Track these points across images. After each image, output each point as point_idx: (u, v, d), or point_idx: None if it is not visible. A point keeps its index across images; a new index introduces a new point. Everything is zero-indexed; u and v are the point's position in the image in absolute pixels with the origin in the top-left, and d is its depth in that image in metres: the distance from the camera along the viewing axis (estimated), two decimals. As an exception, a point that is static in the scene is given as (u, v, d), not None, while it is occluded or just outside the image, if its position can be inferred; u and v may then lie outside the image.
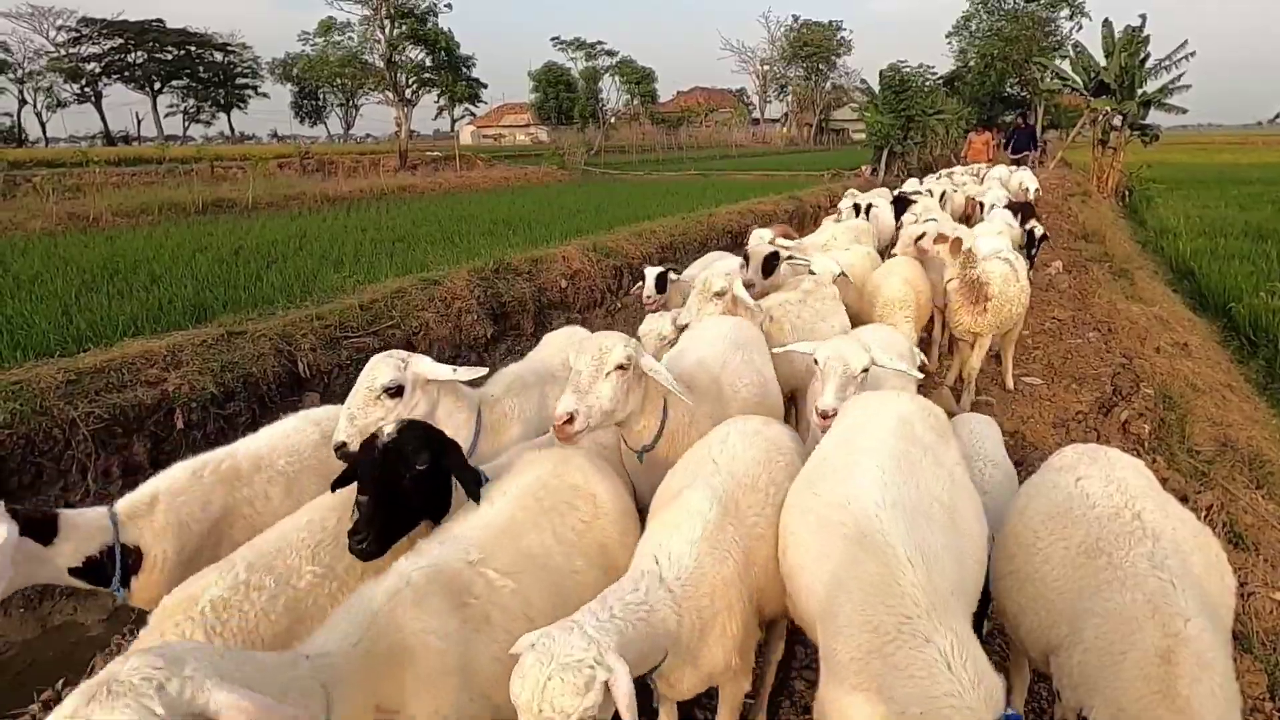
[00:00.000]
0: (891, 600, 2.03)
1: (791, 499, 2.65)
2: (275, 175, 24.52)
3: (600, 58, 58.09)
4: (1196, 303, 9.54)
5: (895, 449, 2.54)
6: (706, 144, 58.83)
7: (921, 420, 2.76)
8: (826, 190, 20.84)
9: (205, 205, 17.08)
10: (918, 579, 2.06)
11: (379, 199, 20.58)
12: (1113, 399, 5.50)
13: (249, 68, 70.84)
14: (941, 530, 2.30)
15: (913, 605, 2.01)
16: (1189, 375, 5.66)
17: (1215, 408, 5.24)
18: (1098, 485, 2.58)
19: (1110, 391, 5.61)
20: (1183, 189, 21.48)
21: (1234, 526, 3.95)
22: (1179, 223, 14.49)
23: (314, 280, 8.69)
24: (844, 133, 76.81)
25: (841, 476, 2.48)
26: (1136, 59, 20.82)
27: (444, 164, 30.46)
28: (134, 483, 5.08)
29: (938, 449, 2.69)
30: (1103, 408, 5.44)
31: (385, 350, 7.03)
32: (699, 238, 13.28)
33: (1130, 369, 5.78)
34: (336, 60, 33.48)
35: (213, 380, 5.55)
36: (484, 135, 79.75)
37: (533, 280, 9.19)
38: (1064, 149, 26.71)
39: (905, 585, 2.05)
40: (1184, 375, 5.63)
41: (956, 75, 49.00)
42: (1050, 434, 5.45)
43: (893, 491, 2.33)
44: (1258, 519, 3.99)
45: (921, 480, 2.46)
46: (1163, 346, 6.34)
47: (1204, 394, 5.34)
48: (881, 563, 2.11)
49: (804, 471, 2.74)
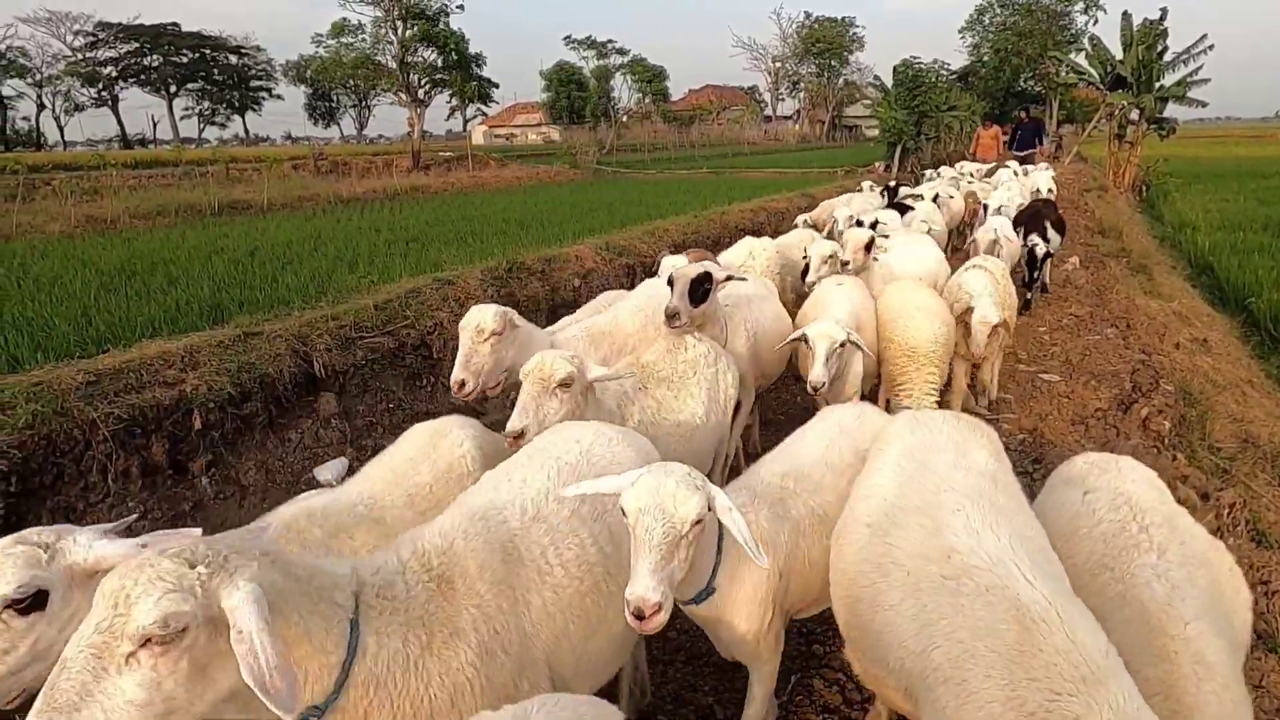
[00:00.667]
0: (1036, 673, 1.80)
1: (855, 548, 2.43)
2: (289, 176, 24.69)
3: (612, 56, 58.07)
4: (1215, 298, 9.43)
5: (971, 486, 2.35)
6: (718, 142, 58.72)
7: (977, 443, 2.63)
8: (840, 187, 20.74)
9: (221, 207, 17.23)
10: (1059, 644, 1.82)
11: (392, 199, 20.67)
12: (1132, 395, 5.44)
13: (263, 70, 71.39)
14: (1055, 578, 2.09)
15: (1060, 679, 1.77)
16: (1209, 371, 5.60)
17: (1236, 404, 5.18)
18: (1104, 499, 2.52)
19: (1130, 388, 5.55)
20: (1200, 183, 21.25)
21: (1257, 524, 3.90)
22: (1197, 217, 14.33)
23: (329, 281, 8.73)
24: (857, 129, 76.42)
25: (926, 526, 2.25)
26: (1154, 52, 20.60)
27: (456, 164, 30.55)
28: (153, 483, 5.17)
29: (1001, 476, 2.54)
30: (1122, 404, 5.38)
31: (399, 350, 7.11)
32: (712, 236, 13.24)
33: (1150, 365, 5.71)
34: (349, 62, 33.64)
35: (229, 381, 5.59)
36: (496, 135, 79.91)
37: (546, 280, 9.19)
38: (1080, 143, 26.47)
39: (1049, 653, 1.81)
40: (1204, 371, 5.57)
41: (970, 70, 48.73)
42: (1069, 431, 5.40)
43: (993, 539, 2.11)
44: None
45: (1013, 521, 2.26)
46: (1182, 342, 6.27)
47: (1224, 390, 5.27)
48: (1022, 626, 1.87)
49: (860, 513, 2.50)
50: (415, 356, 7.19)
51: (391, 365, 6.91)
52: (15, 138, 63.72)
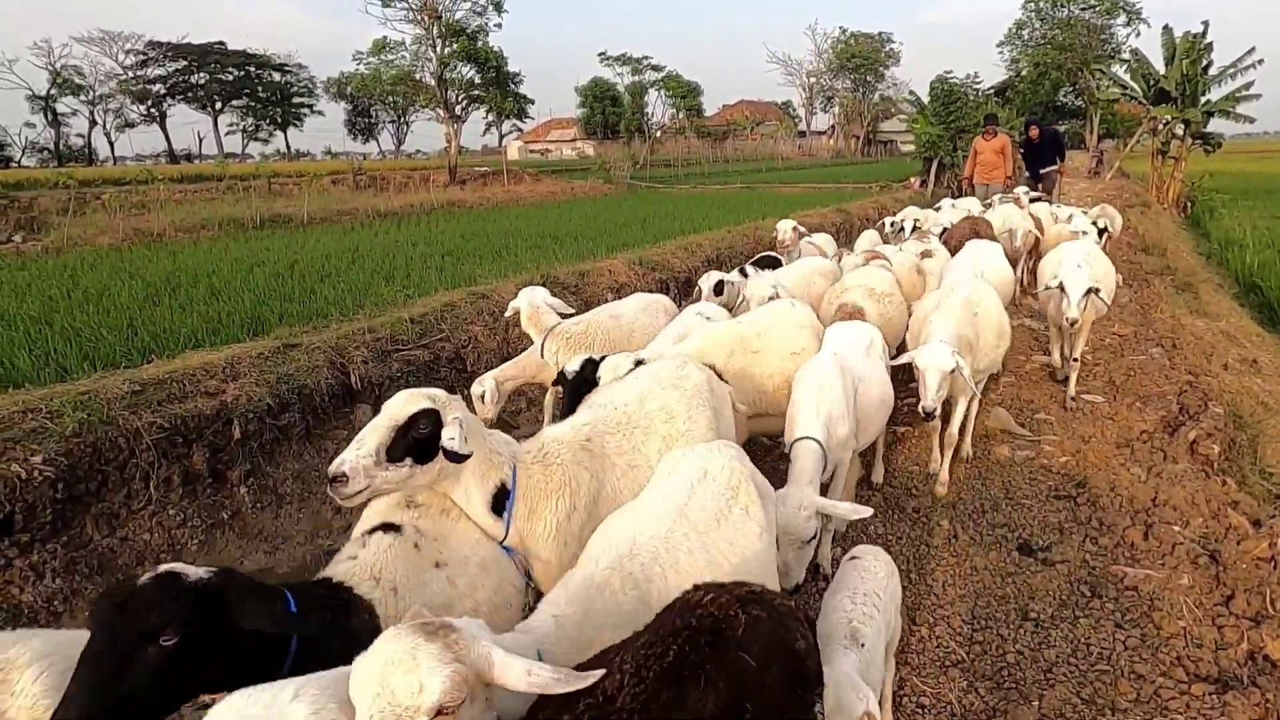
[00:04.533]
0: None
1: None
2: (329, 191, 25.15)
3: (647, 73, 58.44)
4: (1265, 317, 9.17)
5: None
6: (752, 157, 58.69)
7: None
8: (875, 203, 20.62)
9: (262, 220, 17.58)
10: None
11: (428, 214, 20.94)
12: (1179, 418, 5.28)
13: (305, 87, 72.99)
14: None
15: None
16: (1259, 393, 5.43)
17: None
18: None
19: (1177, 410, 5.39)
20: (1247, 199, 20.71)
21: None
22: (1245, 234, 13.95)
23: (366, 294, 8.85)
24: (892, 144, 75.96)
25: None
26: (1199, 66, 20.21)
27: (492, 179, 30.90)
28: (193, 491, 5.26)
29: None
30: (1168, 427, 5.23)
31: (433, 363, 7.18)
32: (745, 250, 13.23)
33: (1197, 386, 5.54)
34: (389, 78, 34.26)
35: (269, 391, 5.68)
36: (531, 150, 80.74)
37: (579, 294, 9.22)
38: (1122, 159, 26.02)
39: None
40: (1254, 393, 5.39)
41: (1008, 84, 48.23)
42: (1114, 454, 5.27)
43: None
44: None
45: None
46: (1230, 363, 6.09)
47: (1276, 413, 5.11)
48: None
49: None
50: (450, 369, 7.25)
51: (426, 378, 6.97)
52: (68, 153, 65.89)
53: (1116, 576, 3.99)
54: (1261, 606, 3.55)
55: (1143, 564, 4.06)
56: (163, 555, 4.85)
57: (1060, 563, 4.19)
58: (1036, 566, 4.19)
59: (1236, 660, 3.25)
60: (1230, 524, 4.01)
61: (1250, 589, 3.64)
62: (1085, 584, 4.01)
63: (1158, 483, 4.58)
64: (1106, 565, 4.12)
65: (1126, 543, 4.30)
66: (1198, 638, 3.42)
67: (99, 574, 4.51)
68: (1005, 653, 3.57)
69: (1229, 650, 3.39)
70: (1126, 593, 3.87)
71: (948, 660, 3.54)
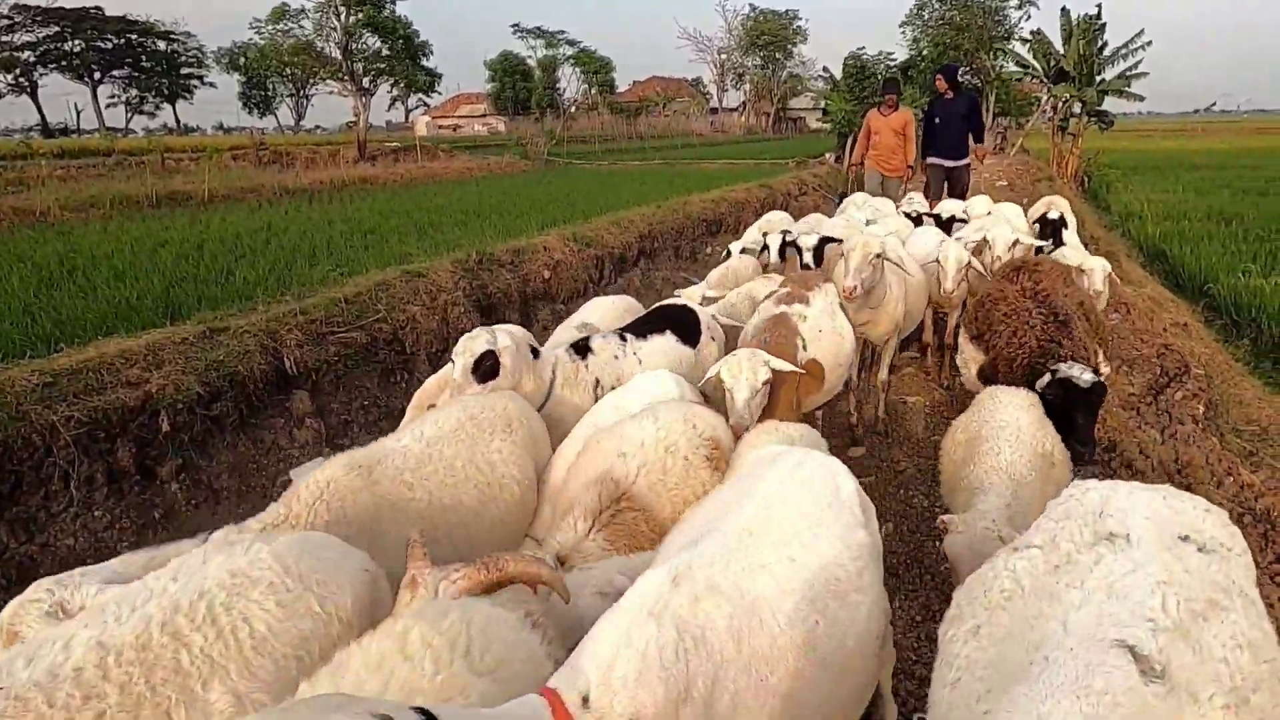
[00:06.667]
0: None
1: None
2: (230, 167, 23.72)
3: (561, 47, 57.43)
4: (1172, 284, 9.69)
5: None
6: (666, 133, 58.64)
7: None
8: (795, 179, 20.88)
9: (159, 198, 16.44)
10: None
11: (339, 190, 20.06)
12: (1160, 380, 5.51)
13: (194, 56, 68.55)
14: None
15: None
16: (1200, 355, 5.72)
17: (1233, 387, 5.30)
18: None
19: (1159, 373, 5.61)
20: (1138, 174, 21.92)
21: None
22: (1142, 207, 14.74)
23: (289, 274, 8.38)
24: (801, 121, 77.27)
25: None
26: (1094, 46, 21.20)
27: (404, 155, 29.84)
28: (119, 490, 4.83)
29: None
30: (1153, 389, 5.43)
31: (371, 345, 6.83)
32: (676, 226, 13.19)
33: (1173, 349, 5.79)
34: (288, 49, 32.52)
35: (197, 380, 5.27)
36: (440, 126, 78.44)
37: (516, 271, 8.97)
38: (1025, 136, 27.15)
39: None
40: (1197, 354, 5.68)
41: (910, 64, 49.55)
42: (1126, 418, 5.31)
43: None
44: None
45: None
46: (1169, 327, 6.40)
47: (1226, 372, 5.39)
48: None
49: None
50: (389, 352, 6.92)
51: (365, 361, 6.64)
52: (-76, 127, 60.15)
53: None
54: None
55: None
56: (88, 560, 4.43)
57: None
58: None
59: None
60: (1244, 481, 4.18)
61: None
62: None
63: (1174, 444, 4.74)
64: None
65: None
66: (1265, 598, 3.53)
67: (18, 584, 4.08)
68: None
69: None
70: None
71: None
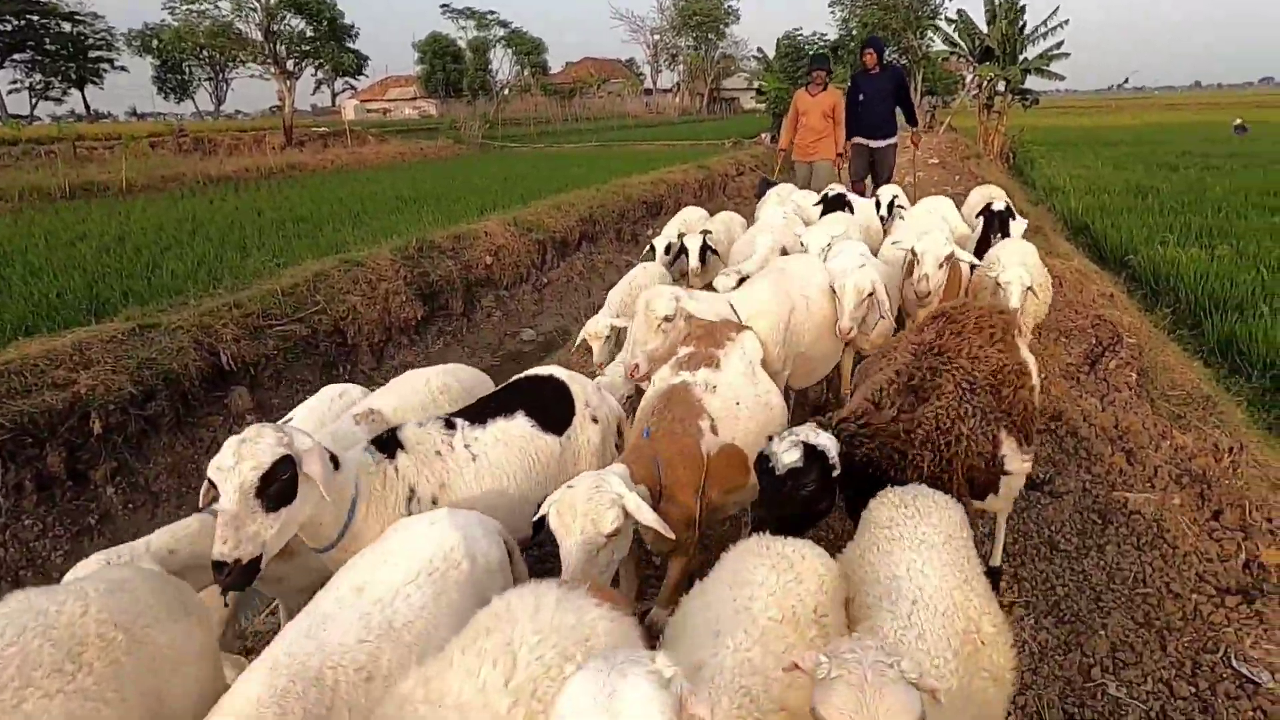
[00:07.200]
0: None
1: None
2: (149, 155, 22.72)
3: (492, 28, 56.28)
4: (1095, 256, 10.07)
5: None
6: (601, 115, 58.30)
7: None
8: (732, 159, 21.00)
9: (72, 189, 15.71)
10: None
11: (267, 178, 19.48)
12: (1095, 349, 5.73)
13: (102, 39, 65.07)
14: None
15: None
16: (1130, 325, 5.98)
17: (1159, 354, 5.56)
18: None
19: (1094, 342, 5.84)
20: (1059, 151, 22.65)
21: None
22: (1065, 182, 15.22)
23: (220, 266, 8.10)
24: (735, 102, 77.59)
25: None
26: (1016, 26, 21.79)
27: (333, 140, 29.02)
28: (51, 497, 4.62)
29: None
30: (1089, 358, 5.65)
31: (311, 337, 6.65)
32: (616, 209, 13.15)
33: (1106, 320, 6.03)
34: (205, 30, 31.14)
35: (129, 379, 5.07)
36: (369, 109, 76.31)
37: (457, 258, 8.84)
38: (953, 115, 27.79)
39: None
40: (1124, 324, 5.94)
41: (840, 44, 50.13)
42: (1069, 387, 5.54)
43: None
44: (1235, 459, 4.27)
45: None
46: (1095, 298, 6.67)
47: (1150, 339, 5.65)
48: None
49: None
50: (330, 344, 6.77)
51: (305, 354, 6.48)
52: None
53: (1120, 502, 4.22)
54: (1243, 518, 3.88)
55: (1136, 488, 4.33)
56: (21, 571, 4.26)
57: (1065, 493, 4.39)
58: (1046, 499, 4.37)
59: (1238, 570, 3.58)
60: (1178, 443, 4.40)
61: (1231, 503, 3.97)
62: (1094, 512, 4.21)
63: (1114, 410, 4.95)
64: (1107, 492, 4.34)
65: (1115, 469, 4.55)
66: (1204, 552, 3.72)
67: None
68: (1053, 587, 3.69)
69: (1229, 562, 3.66)
70: (1133, 516, 4.10)
71: (1002, 600, 3.56)
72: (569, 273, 10.75)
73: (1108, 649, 3.25)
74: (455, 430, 2.98)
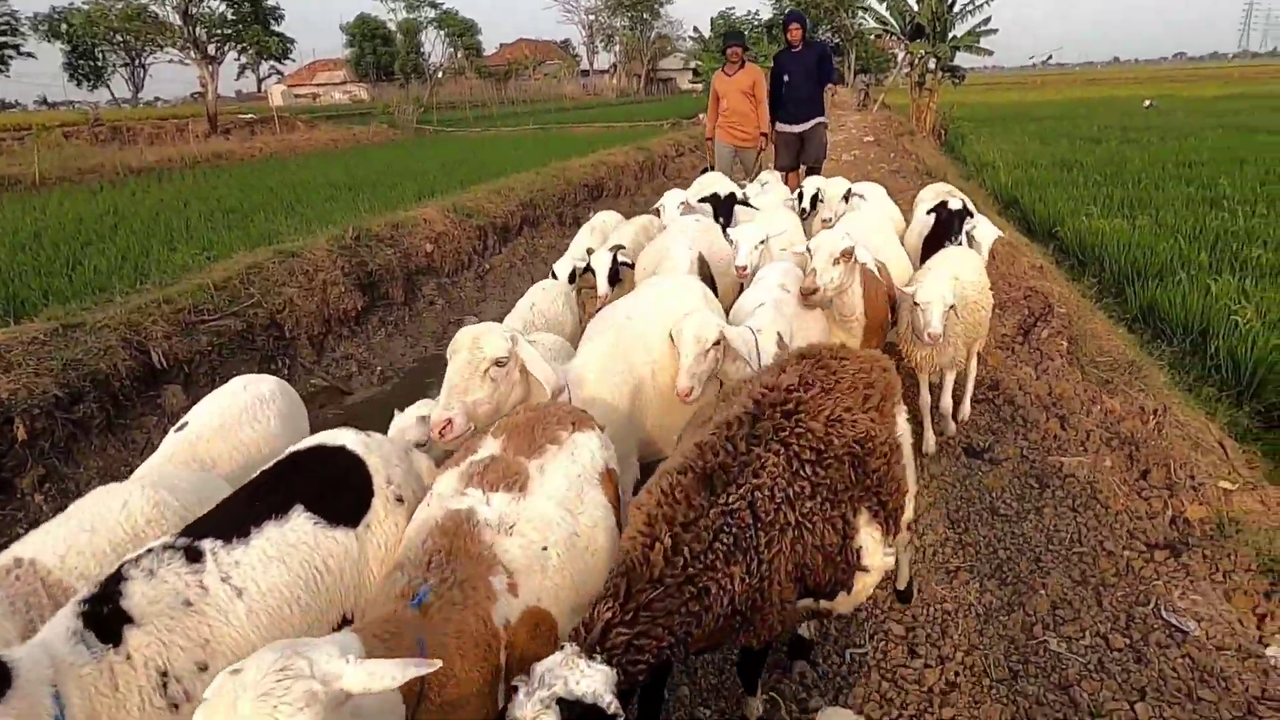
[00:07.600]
0: None
1: None
2: (62, 146, 21.67)
3: (423, 9, 54.94)
4: (1024, 228, 10.40)
5: None
6: (537, 98, 57.57)
7: None
8: (672, 140, 20.99)
9: (-20, 183, 14.92)
10: None
11: (191, 168, 18.77)
12: (1027, 320, 5.93)
13: (6, 24, 61.59)
14: None
15: None
16: (1059, 295, 6.19)
17: (1087, 323, 5.78)
18: None
19: (1026, 313, 6.04)
20: (988, 126, 23.25)
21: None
22: (995, 157, 15.64)
23: (146, 260, 7.80)
24: (672, 82, 77.47)
25: None
26: (945, 3, 22.19)
27: (260, 127, 28.09)
28: (-26, 508, 4.41)
29: None
30: (1021, 329, 5.85)
31: (247, 332, 6.46)
32: (557, 193, 13.03)
33: (1038, 292, 6.23)
34: (119, 14, 29.73)
35: (54, 381, 4.85)
36: (297, 95, 73.99)
37: (396, 246, 8.66)
38: (885, 92, 28.21)
39: None
40: (1057, 296, 6.15)
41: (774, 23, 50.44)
42: (1004, 357, 5.73)
43: None
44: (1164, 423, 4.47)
45: None
46: (1028, 270, 6.88)
47: (1075, 310, 5.86)
48: None
49: None
50: (267, 337, 6.58)
51: (241, 349, 6.29)
52: None
53: (1055, 466, 4.44)
54: (1168, 476, 4.09)
55: (1070, 452, 4.55)
56: (-54, 587, 4.06)
57: (1004, 460, 4.59)
58: (986, 467, 4.56)
59: (1165, 526, 3.77)
60: (1108, 408, 4.59)
61: (1157, 462, 4.19)
62: (1032, 476, 4.42)
63: (1048, 379, 5.13)
64: (1044, 457, 4.55)
65: (1050, 435, 4.75)
66: (1134, 510, 3.92)
67: None
68: (995, 550, 3.86)
69: (1157, 519, 3.88)
70: (1068, 480, 4.31)
71: (948, 566, 3.77)
72: (511, 258, 10.64)
73: (1048, 607, 3.41)
74: (203, 561, 2.12)
